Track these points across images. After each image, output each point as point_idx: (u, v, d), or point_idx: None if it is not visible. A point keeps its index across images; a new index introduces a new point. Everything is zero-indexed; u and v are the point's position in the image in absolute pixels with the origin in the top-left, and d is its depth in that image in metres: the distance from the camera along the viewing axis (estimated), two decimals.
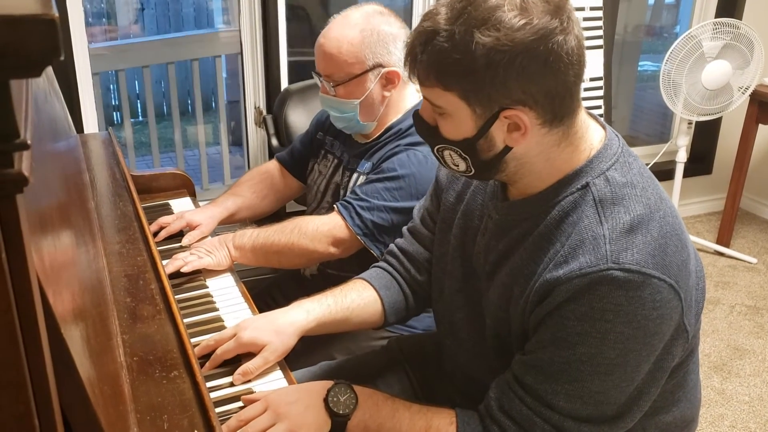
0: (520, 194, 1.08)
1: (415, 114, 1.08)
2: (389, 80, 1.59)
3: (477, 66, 0.92)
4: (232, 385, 1.18)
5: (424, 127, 1.06)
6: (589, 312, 0.95)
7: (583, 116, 1.04)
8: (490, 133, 0.98)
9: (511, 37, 0.91)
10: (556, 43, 0.92)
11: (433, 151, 1.08)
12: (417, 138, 1.59)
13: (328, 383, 1.12)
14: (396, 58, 1.58)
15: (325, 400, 1.10)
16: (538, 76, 0.93)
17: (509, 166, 1.02)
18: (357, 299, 1.31)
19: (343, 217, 1.55)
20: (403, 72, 1.59)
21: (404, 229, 1.41)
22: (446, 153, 1.05)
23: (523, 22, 0.91)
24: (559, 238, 1.01)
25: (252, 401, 1.11)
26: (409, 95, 1.67)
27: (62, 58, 0.48)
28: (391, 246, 1.40)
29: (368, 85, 1.58)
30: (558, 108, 0.97)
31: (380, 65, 1.57)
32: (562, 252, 0.99)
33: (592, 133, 1.05)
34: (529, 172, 1.03)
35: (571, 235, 0.99)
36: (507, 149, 1.00)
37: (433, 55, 0.95)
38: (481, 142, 0.99)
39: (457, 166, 1.05)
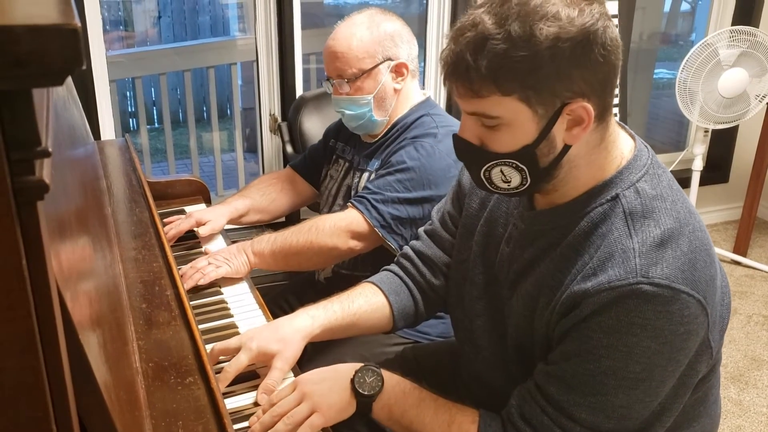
0: (547, 204, 1.07)
1: (456, 137, 1.04)
2: (398, 72, 1.64)
3: (542, 60, 0.91)
4: (246, 391, 1.18)
5: (468, 149, 1.02)
6: (616, 325, 0.94)
7: (613, 122, 1.04)
8: (551, 134, 0.97)
9: (572, 24, 0.92)
10: (608, 28, 0.94)
11: (478, 175, 1.03)
12: (423, 130, 1.62)
13: (357, 365, 1.13)
14: (402, 50, 1.63)
15: (352, 381, 1.10)
16: (596, 62, 0.94)
17: (562, 170, 1.01)
18: (364, 305, 1.30)
19: (360, 211, 1.56)
20: (410, 63, 1.64)
21: (421, 231, 1.40)
22: (496, 170, 1.01)
23: (576, 11, 0.93)
24: (588, 250, 1.00)
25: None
26: (414, 91, 1.71)
27: (84, 67, 0.48)
28: (406, 248, 1.40)
29: (380, 78, 1.62)
30: (608, 98, 0.98)
31: (389, 58, 1.62)
32: (591, 264, 0.98)
33: (622, 142, 1.05)
34: (572, 178, 1.02)
35: (600, 247, 0.98)
36: (565, 149, 0.99)
37: (492, 59, 0.93)
38: (542, 146, 0.98)
39: (509, 182, 1.02)
